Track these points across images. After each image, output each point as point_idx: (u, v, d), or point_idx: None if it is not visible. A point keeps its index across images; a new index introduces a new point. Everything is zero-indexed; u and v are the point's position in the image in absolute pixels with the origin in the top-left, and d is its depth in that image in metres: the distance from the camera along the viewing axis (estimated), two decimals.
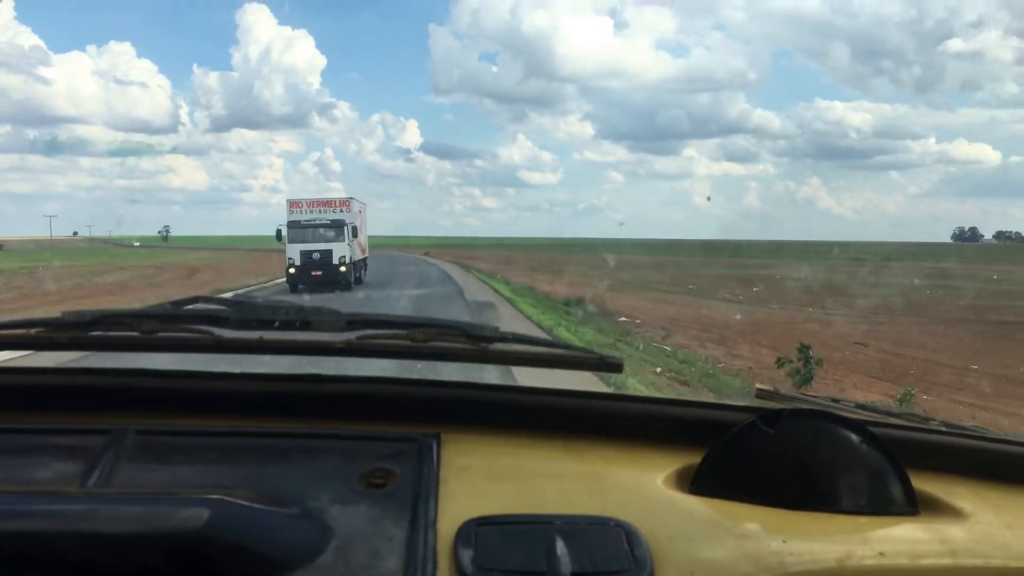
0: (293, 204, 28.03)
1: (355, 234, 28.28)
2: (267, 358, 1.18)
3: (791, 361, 12.23)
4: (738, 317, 24.20)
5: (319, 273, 25.96)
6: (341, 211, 28.16)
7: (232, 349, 1.15)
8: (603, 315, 21.35)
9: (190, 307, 1.27)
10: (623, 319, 21.65)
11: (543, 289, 28.79)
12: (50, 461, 0.98)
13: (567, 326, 13.80)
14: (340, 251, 27.14)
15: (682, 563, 0.86)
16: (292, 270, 26.27)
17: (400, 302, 21.22)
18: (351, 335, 1.16)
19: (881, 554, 0.89)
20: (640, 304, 27.17)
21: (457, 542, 0.86)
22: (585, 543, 0.86)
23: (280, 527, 0.86)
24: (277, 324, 1.16)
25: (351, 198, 28.95)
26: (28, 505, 0.83)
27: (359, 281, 28.94)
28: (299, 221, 27.50)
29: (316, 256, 26.56)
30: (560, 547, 0.85)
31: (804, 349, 12.24)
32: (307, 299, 19.98)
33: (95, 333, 1.16)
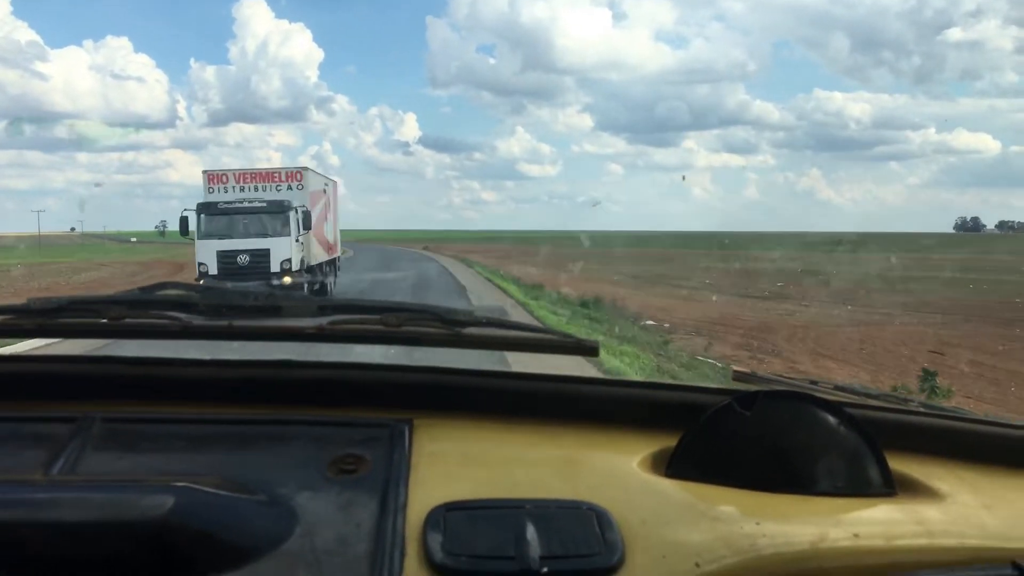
0: (213, 178, 18.65)
1: (307, 224, 18.48)
2: (237, 344, 1.17)
3: (909, 391, 9.56)
4: (777, 317, 21.36)
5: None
6: (289, 187, 18.78)
7: (201, 335, 1.15)
8: (625, 318, 18.62)
9: (159, 293, 1.28)
10: (650, 323, 18.99)
11: (554, 287, 26.29)
12: (14, 450, 0.98)
13: (608, 346, 11.11)
14: (281, 251, 17.54)
15: (654, 546, 0.86)
16: (203, 282, 16.09)
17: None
18: (323, 320, 1.15)
19: (856, 535, 0.90)
20: (663, 303, 25.00)
21: (426, 527, 0.86)
22: (555, 527, 0.87)
23: (247, 514, 0.86)
24: (247, 310, 1.17)
25: (304, 168, 19.47)
26: None
27: (323, 292, 19.90)
28: (217, 204, 17.89)
29: (243, 260, 17.39)
30: (530, 531, 0.85)
31: (929, 376, 9.65)
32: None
33: (62, 320, 1.16)
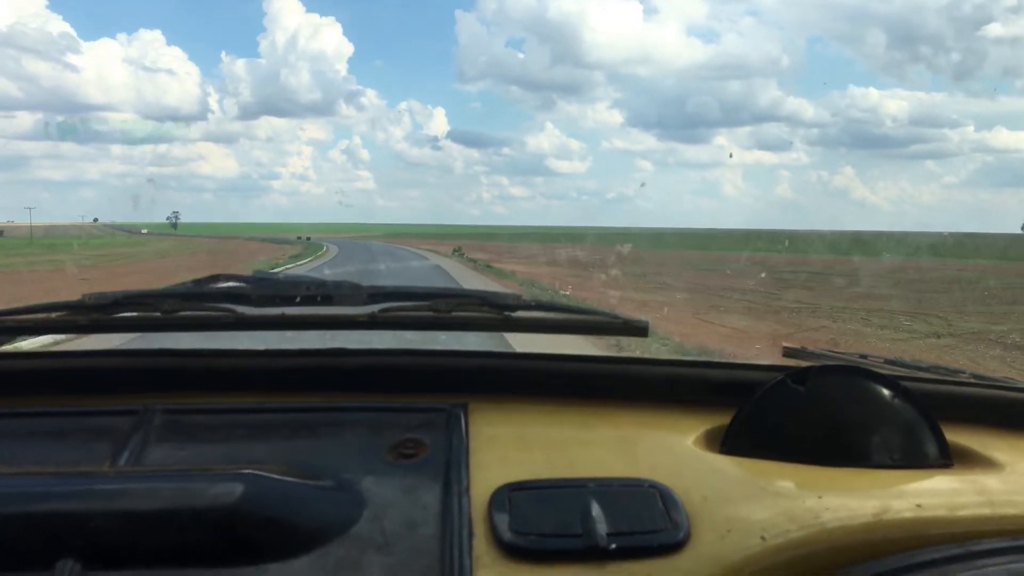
0: None
1: None
2: (290, 333, 1.19)
3: None
4: None
5: None
6: None
7: (254, 326, 1.16)
8: None
9: (212, 285, 1.29)
10: None
11: (635, 314, 15.85)
12: (80, 443, 0.99)
13: None
14: None
15: (718, 522, 0.86)
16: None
17: None
18: (374, 308, 1.16)
19: (918, 506, 0.89)
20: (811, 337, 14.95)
21: (491, 508, 0.86)
22: (620, 504, 0.87)
23: (314, 499, 0.87)
24: (298, 299, 1.17)
25: None
26: (60, 486, 0.84)
27: None
28: None
29: None
30: (595, 508, 0.85)
31: None
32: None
33: (117, 315, 1.17)
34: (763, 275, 31.60)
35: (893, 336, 16.42)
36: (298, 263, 36.09)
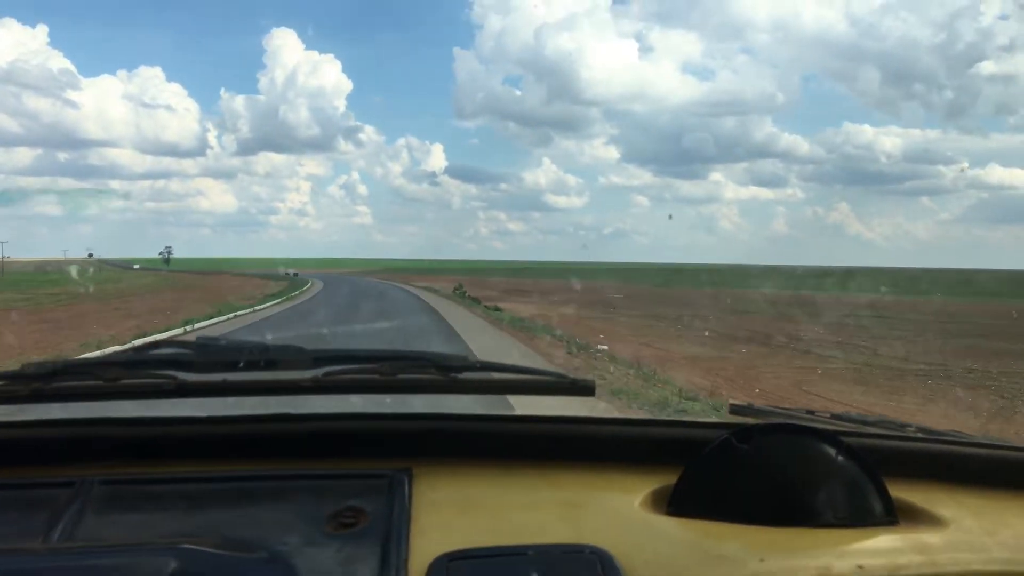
0: None
1: None
2: (233, 400, 1.16)
3: None
4: None
5: None
6: None
7: (197, 393, 1.15)
8: None
9: (154, 352, 1.27)
10: None
11: (659, 366, 14.11)
12: (13, 517, 0.97)
13: None
14: None
15: None
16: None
17: None
18: (318, 372, 1.15)
19: (860, 567, 0.88)
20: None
21: None
22: (559, 572, 0.85)
23: (247, 573, 0.85)
24: (242, 364, 1.15)
25: None
26: None
27: None
28: None
29: None
30: None
31: None
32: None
33: (57, 384, 1.15)
34: (821, 326, 26.25)
35: None
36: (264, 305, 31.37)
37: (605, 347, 16.41)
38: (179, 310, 27.52)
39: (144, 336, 16.89)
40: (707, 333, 23.20)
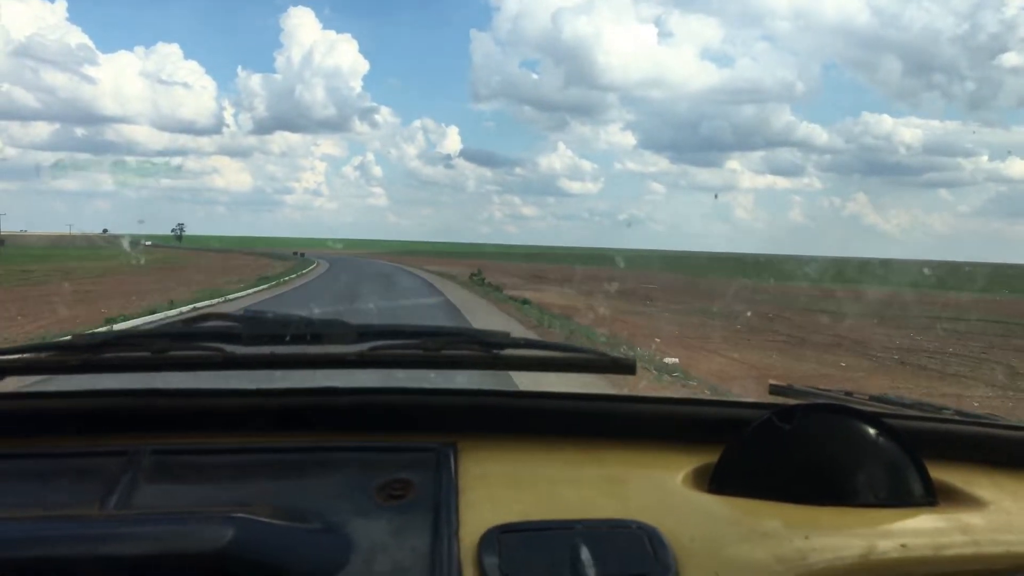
0: None
1: None
2: (279, 373, 1.17)
3: None
4: None
5: None
6: None
7: (244, 365, 1.15)
8: None
9: (201, 324, 1.28)
10: None
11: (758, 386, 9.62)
12: (68, 485, 0.98)
13: None
14: None
15: (706, 563, 0.85)
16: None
17: None
18: (363, 346, 1.15)
19: (903, 546, 0.88)
20: None
21: (481, 550, 0.85)
22: (608, 546, 0.86)
23: (302, 542, 0.86)
24: (288, 338, 1.16)
25: None
26: (49, 530, 0.83)
27: None
28: None
29: None
30: (584, 552, 0.84)
31: None
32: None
33: (107, 355, 1.16)
34: (909, 329, 21.77)
35: None
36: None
37: (675, 359, 12.18)
38: (174, 283, 24.06)
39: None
40: (781, 337, 18.93)
